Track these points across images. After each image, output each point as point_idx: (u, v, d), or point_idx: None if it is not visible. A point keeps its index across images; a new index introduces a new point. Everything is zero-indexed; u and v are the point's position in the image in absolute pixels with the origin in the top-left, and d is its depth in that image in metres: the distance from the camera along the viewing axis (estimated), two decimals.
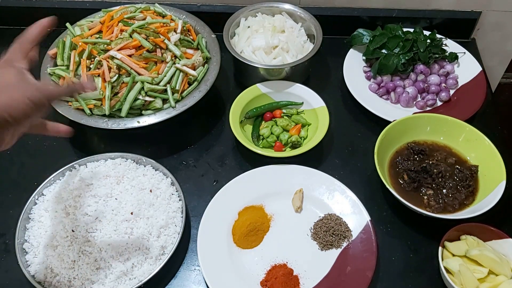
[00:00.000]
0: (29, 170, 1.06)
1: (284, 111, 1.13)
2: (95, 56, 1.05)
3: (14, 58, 0.71)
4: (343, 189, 0.98)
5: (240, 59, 1.12)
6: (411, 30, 1.23)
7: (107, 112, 1.02)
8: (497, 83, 1.48)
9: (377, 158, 0.97)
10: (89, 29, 1.13)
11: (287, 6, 1.22)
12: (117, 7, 1.18)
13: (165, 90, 1.05)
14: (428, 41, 1.20)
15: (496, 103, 1.23)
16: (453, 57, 1.22)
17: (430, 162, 1.02)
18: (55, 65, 1.11)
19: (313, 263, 0.91)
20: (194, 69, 1.10)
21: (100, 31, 1.11)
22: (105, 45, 1.06)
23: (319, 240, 0.93)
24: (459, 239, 0.90)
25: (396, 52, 1.18)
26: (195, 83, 1.10)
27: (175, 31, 1.13)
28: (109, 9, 1.18)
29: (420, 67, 1.19)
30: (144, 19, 1.13)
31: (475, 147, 1.02)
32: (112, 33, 1.09)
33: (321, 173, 1.01)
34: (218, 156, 1.09)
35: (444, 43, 1.23)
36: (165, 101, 1.06)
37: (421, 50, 1.18)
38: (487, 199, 0.93)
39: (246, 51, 1.16)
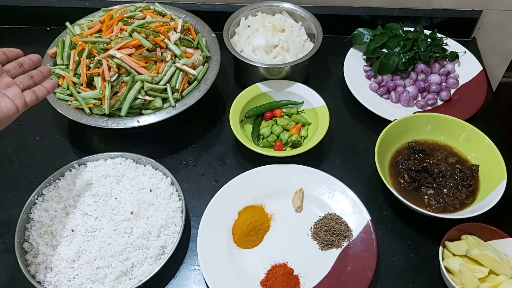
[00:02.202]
0: (28, 170, 1.06)
1: (284, 110, 1.13)
2: (95, 55, 1.05)
3: None
4: (343, 189, 0.98)
5: (240, 58, 1.12)
6: (412, 29, 1.23)
7: (106, 112, 1.02)
8: (498, 83, 1.47)
9: (377, 158, 0.97)
10: (89, 28, 1.13)
11: (287, 5, 1.22)
12: (117, 6, 1.17)
13: (165, 89, 1.05)
14: (429, 40, 1.20)
15: (496, 102, 1.23)
16: (454, 57, 1.22)
17: (431, 162, 1.01)
18: (55, 64, 1.11)
19: (313, 263, 0.91)
20: (194, 68, 1.10)
21: (99, 30, 1.11)
22: (105, 44, 1.06)
23: (320, 240, 0.93)
24: (459, 239, 0.90)
25: (397, 51, 1.18)
26: (195, 82, 1.09)
27: (175, 30, 1.13)
28: (109, 8, 1.18)
29: (421, 66, 1.19)
30: (144, 18, 1.13)
31: (475, 146, 1.02)
32: (112, 32, 1.09)
33: (321, 173, 1.01)
34: (218, 155, 1.09)
35: (444, 42, 1.23)
36: (165, 100, 1.06)
37: (422, 49, 1.18)
38: (487, 198, 0.93)
39: (246, 50, 1.16)
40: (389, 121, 1.05)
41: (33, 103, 0.78)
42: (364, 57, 1.24)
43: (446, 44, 1.23)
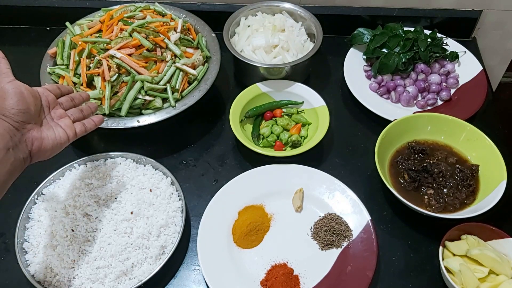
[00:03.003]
0: (28, 170, 1.04)
1: (284, 110, 1.13)
2: (95, 55, 1.05)
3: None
4: (343, 189, 0.98)
5: (240, 58, 1.12)
6: (412, 29, 1.23)
7: (106, 112, 1.02)
8: (498, 82, 1.47)
9: (377, 158, 0.97)
10: (89, 28, 1.13)
11: (287, 5, 1.22)
12: (117, 6, 1.17)
13: (165, 89, 1.05)
14: (429, 40, 1.20)
15: (496, 102, 1.23)
16: (454, 56, 1.22)
17: (431, 162, 1.01)
18: (55, 64, 1.11)
19: (314, 263, 0.91)
20: (194, 68, 1.10)
21: (100, 30, 1.11)
22: (105, 44, 1.06)
23: (320, 240, 0.93)
24: (459, 239, 0.90)
25: (397, 51, 1.18)
26: (195, 82, 1.09)
27: (175, 30, 1.13)
28: (109, 8, 1.18)
29: (421, 66, 1.19)
30: (144, 18, 1.13)
31: (475, 146, 1.02)
32: (112, 32, 1.09)
33: (322, 173, 1.01)
34: (218, 155, 1.09)
35: (444, 42, 1.23)
36: (165, 100, 1.06)
37: (422, 49, 1.18)
38: (487, 198, 0.93)
39: (246, 50, 1.16)
40: (389, 121, 1.05)
41: (82, 134, 0.84)
42: (364, 57, 1.24)
43: (446, 44, 1.23)
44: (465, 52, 1.23)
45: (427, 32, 1.23)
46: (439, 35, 1.23)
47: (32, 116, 0.75)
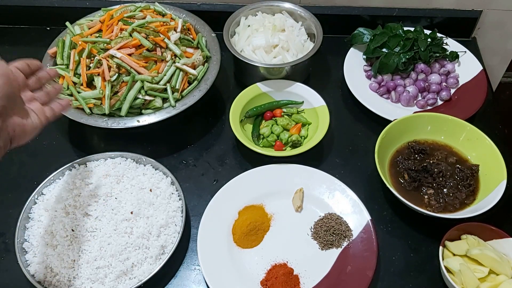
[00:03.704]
0: (29, 170, 1.06)
1: (284, 110, 1.13)
2: (95, 55, 1.05)
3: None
4: (343, 189, 0.98)
5: (240, 58, 1.12)
6: (412, 29, 1.23)
7: (107, 111, 1.02)
8: (498, 82, 1.47)
9: (377, 157, 0.97)
10: (89, 28, 1.13)
11: (287, 5, 1.22)
12: (117, 6, 1.17)
13: (165, 89, 1.05)
14: (429, 40, 1.20)
15: (496, 102, 1.23)
16: (454, 56, 1.22)
17: (431, 162, 1.01)
18: (55, 64, 1.11)
19: (314, 263, 0.91)
20: (194, 68, 1.10)
21: (100, 30, 1.11)
22: (105, 44, 1.06)
23: (320, 240, 0.93)
24: (459, 239, 0.90)
25: (397, 51, 1.18)
26: (195, 82, 1.09)
27: (175, 30, 1.13)
28: (109, 8, 1.18)
29: (421, 66, 1.19)
30: (144, 18, 1.13)
31: (475, 146, 1.02)
32: (112, 32, 1.09)
33: (322, 173, 1.01)
34: (218, 155, 1.09)
35: (444, 42, 1.23)
36: (165, 100, 1.06)
37: (422, 49, 1.18)
38: (487, 198, 0.93)
39: (246, 50, 1.16)
40: (389, 121, 1.05)
41: (52, 119, 0.78)
42: (364, 57, 1.24)
43: (446, 44, 1.23)
44: (465, 52, 1.23)
45: (427, 32, 1.23)
46: (439, 35, 1.23)
47: (15, 101, 0.70)
